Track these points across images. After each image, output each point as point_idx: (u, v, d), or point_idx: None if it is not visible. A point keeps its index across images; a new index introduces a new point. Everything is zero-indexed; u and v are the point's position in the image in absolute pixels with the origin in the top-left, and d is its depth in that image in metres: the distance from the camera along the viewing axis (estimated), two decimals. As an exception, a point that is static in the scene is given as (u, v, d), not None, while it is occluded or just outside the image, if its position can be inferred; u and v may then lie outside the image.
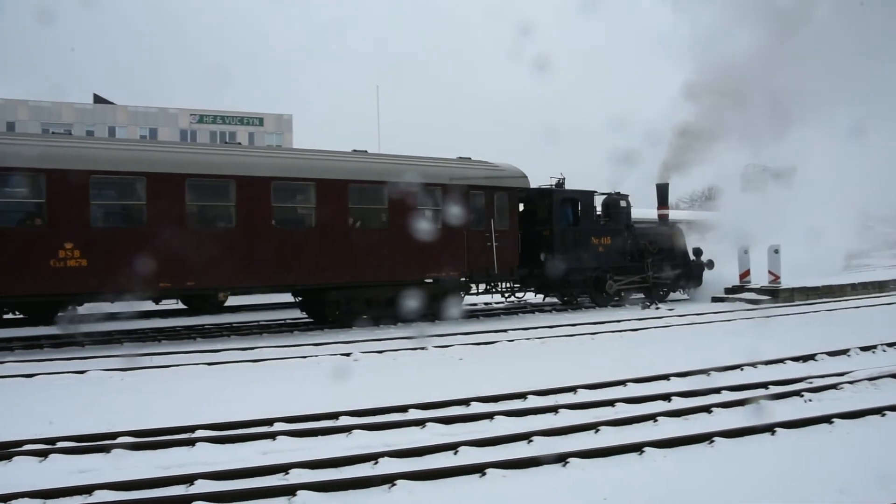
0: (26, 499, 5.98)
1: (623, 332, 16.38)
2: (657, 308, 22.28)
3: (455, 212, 18.58)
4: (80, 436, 7.79)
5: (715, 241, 27.52)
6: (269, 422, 8.26)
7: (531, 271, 21.29)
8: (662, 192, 26.64)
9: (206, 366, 12.40)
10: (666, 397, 9.47)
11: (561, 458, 6.83)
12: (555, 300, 24.12)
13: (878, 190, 34.23)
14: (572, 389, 9.91)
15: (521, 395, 9.57)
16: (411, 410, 8.85)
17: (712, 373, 11.04)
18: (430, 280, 18.82)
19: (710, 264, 25.45)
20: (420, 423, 8.26)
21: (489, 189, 19.62)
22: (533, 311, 21.96)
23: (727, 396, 9.47)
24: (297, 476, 6.47)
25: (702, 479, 6.49)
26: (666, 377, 10.71)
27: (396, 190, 17.68)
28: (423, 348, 13.93)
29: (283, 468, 6.61)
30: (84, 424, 8.19)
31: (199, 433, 7.89)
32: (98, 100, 64.02)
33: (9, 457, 7.24)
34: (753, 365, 11.62)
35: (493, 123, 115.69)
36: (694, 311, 20.68)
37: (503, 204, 19.94)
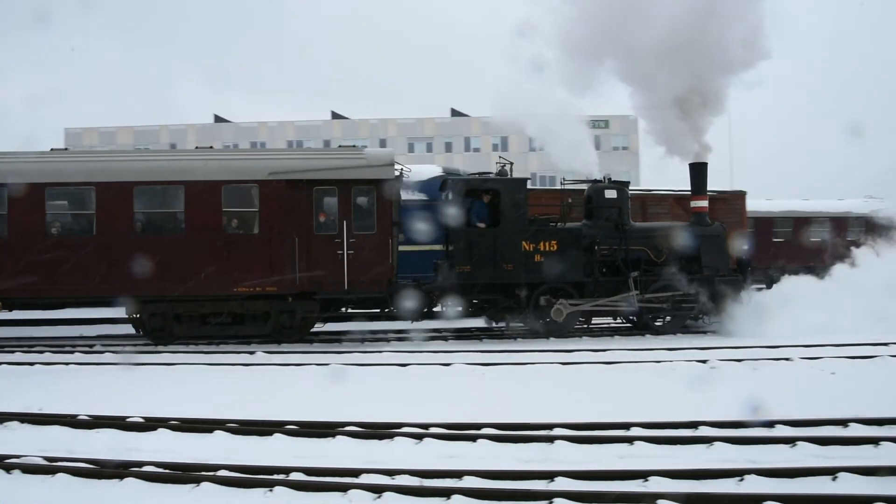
0: (406, 475, 6.61)
1: None
2: None
3: (275, 213, 15.93)
4: (448, 423, 8.40)
5: None
6: (626, 426, 8.16)
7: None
8: (697, 175, 18.32)
9: (560, 365, 12.69)
10: None
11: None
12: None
13: None
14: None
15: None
16: (778, 426, 8.18)
17: None
18: (246, 295, 15.93)
19: (770, 281, 18.10)
20: (790, 440, 7.59)
21: (342, 183, 16.04)
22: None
23: None
24: (656, 484, 6.31)
25: None
26: None
27: (195, 190, 15.94)
28: (787, 359, 12.85)
29: (643, 475, 6.48)
30: (451, 413, 8.78)
31: (557, 431, 8.05)
32: (455, 113, 69.42)
33: (391, 436, 8.08)
34: None
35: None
36: None
37: (366, 201, 16.14)
